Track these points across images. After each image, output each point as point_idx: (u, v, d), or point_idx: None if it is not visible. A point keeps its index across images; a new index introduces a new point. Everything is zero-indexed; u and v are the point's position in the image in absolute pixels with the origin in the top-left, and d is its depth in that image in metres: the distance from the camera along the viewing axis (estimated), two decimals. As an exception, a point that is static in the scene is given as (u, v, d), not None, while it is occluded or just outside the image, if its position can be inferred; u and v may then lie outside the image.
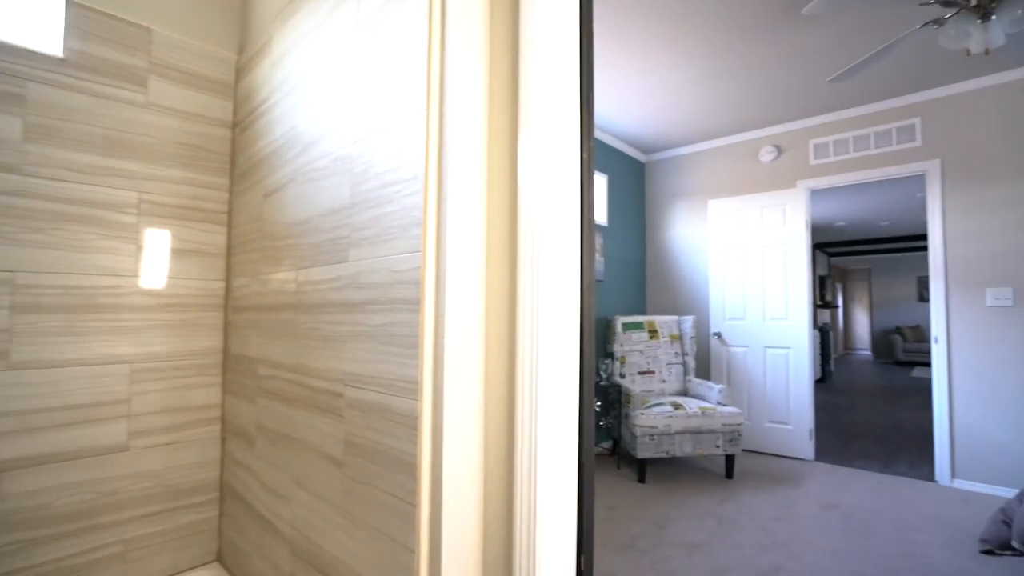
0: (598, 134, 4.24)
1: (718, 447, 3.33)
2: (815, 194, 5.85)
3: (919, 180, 5.41)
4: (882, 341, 12.09)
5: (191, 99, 1.76)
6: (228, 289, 1.83)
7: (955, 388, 3.35)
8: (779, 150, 4.10)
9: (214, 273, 1.81)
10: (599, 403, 3.59)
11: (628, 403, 3.48)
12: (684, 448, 3.31)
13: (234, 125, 1.87)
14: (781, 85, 3.41)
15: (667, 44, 2.93)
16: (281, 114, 1.55)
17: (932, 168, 3.47)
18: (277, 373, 1.47)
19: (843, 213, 7.61)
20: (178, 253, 1.72)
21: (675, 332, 4.06)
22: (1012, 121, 3.22)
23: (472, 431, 0.97)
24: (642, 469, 3.34)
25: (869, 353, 13.14)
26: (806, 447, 3.82)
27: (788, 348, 3.91)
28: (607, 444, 4.15)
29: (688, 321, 4.02)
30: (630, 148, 4.65)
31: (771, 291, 3.99)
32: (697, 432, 3.31)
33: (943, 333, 3.39)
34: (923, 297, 11.94)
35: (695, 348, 4.00)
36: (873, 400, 6.58)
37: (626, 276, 4.54)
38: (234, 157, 1.86)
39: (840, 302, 13.16)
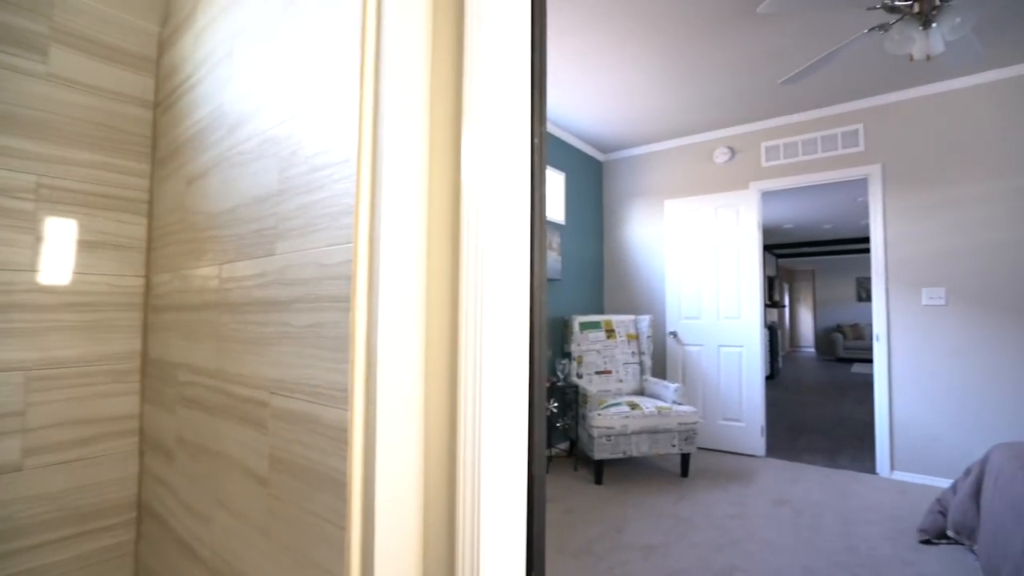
0: (556, 131, 4.19)
1: (674, 446, 3.34)
2: (766, 196, 6.02)
3: (861, 184, 5.66)
4: (824, 339, 12.67)
5: (104, 73, 1.57)
6: (148, 286, 1.65)
7: (894, 384, 3.48)
8: (732, 152, 4.17)
9: (131, 268, 1.63)
10: (556, 404, 3.54)
11: (585, 403, 3.44)
12: (641, 448, 3.30)
13: (156, 105, 1.69)
14: (735, 87, 3.46)
15: (626, 40, 2.90)
16: (206, 92, 1.39)
17: (874, 173, 3.60)
18: (198, 379, 1.32)
19: (791, 216, 7.90)
20: (88, 245, 1.53)
21: (632, 331, 4.06)
22: (944, 130, 3.38)
23: (409, 444, 0.87)
24: (599, 470, 3.31)
25: (813, 350, 13.76)
26: (758, 444, 3.90)
27: (741, 347, 3.98)
28: (564, 445, 4.11)
29: (645, 320, 4.03)
30: (588, 147, 4.63)
31: (725, 290, 4.05)
32: (654, 432, 3.31)
33: (884, 331, 3.52)
34: (861, 297, 12.59)
35: (651, 347, 4.02)
36: (818, 396, 6.85)
37: (584, 275, 4.52)
38: (156, 140, 1.68)
39: (787, 302, 13.72)
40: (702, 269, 4.16)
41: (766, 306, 10.91)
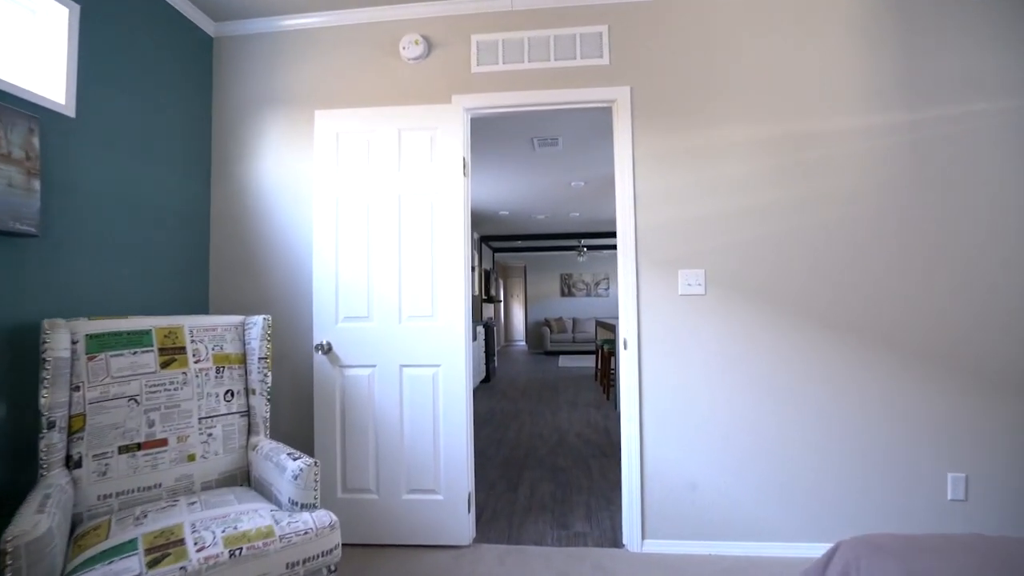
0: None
1: (279, 617, 1.44)
2: (480, 130, 4.67)
3: (579, 164, 4.85)
4: (535, 333, 12.94)
5: None
6: None
7: (647, 414, 2.35)
8: (429, 44, 2.54)
9: None
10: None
11: (18, 559, 1.23)
12: (182, 655, 1.29)
13: None
14: None
15: None
16: None
17: (621, 97, 2.42)
18: None
19: (506, 199, 7.04)
20: None
21: (232, 350, 2.01)
22: (712, 47, 2.39)
23: None
24: None
25: (524, 344, 14.06)
26: (463, 525, 2.33)
27: (437, 366, 2.35)
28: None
29: (256, 325, 2.03)
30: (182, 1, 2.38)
31: (412, 272, 2.38)
32: (218, 605, 1.34)
33: (633, 333, 2.35)
34: (564, 292, 13.32)
35: (269, 377, 2.03)
36: (533, 402, 6.01)
37: (149, 237, 2.25)
38: None
39: (502, 297, 13.65)
40: (375, 235, 2.40)
41: (483, 301, 10.20)
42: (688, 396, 2.32)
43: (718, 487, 2.29)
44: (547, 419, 5.07)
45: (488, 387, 7.17)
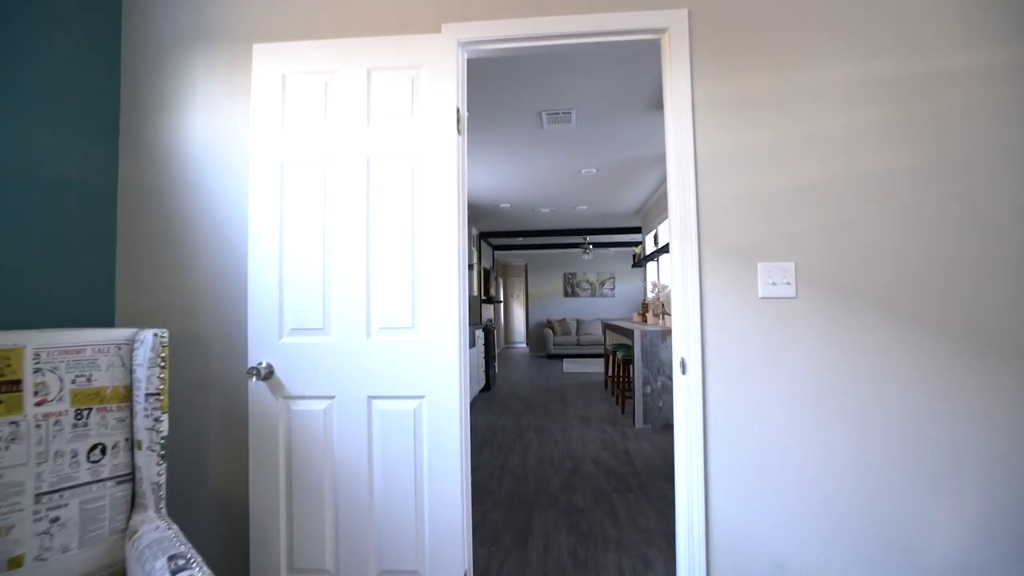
0: None
1: None
2: (478, 81, 3.97)
3: (589, 143, 4.16)
4: (536, 334, 12.29)
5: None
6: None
7: (712, 462, 1.68)
8: (411, -44, 1.87)
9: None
10: None
11: None
12: None
13: None
14: None
15: None
16: None
17: (675, 24, 1.75)
18: None
19: (507, 190, 6.39)
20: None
21: (105, 383, 1.33)
22: (792, -48, 1.73)
23: None
24: None
25: (525, 346, 13.41)
26: (455, 621, 1.67)
27: (419, 397, 1.68)
28: None
29: (145, 344, 1.35)
30: None
31: (385, 266, 1.70)
32: None
33: (695, 351, 1.69)
34: (567, 292, 12.67)
35: (164, 423, 1.35)
36: (539, 416, 5.33)
37: (10, 218, 1.57)
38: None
39: (502, 297, 13.01)
40: (335, 214, 1.73)
41: (482, 301, 9.49)
42: (771, 441, 1.66)
43: (816, 571, 1.62)
44: (556, 439, 4.40)
45: (488, 397, 6.49)
